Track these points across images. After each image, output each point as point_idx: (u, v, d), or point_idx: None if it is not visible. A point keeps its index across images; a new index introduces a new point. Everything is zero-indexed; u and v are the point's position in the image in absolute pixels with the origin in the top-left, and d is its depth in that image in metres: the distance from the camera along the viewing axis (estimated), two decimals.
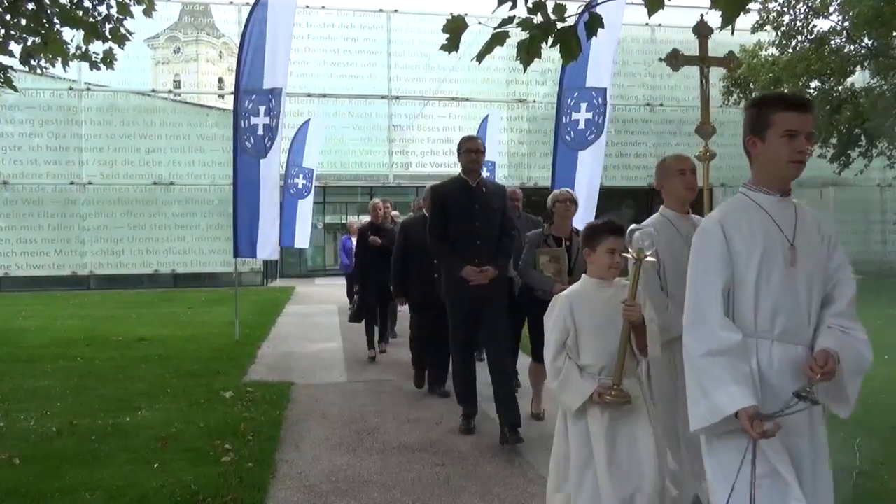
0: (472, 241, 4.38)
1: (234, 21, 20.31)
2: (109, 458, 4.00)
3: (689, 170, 3.07)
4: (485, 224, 4.42)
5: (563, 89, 8.24)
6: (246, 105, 8.59)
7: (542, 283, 4.47)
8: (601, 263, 2.64)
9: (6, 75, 5.64)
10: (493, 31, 2.50)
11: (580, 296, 2.66)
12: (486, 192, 4.52)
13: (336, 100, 20.66)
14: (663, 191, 3.12)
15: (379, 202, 7.63)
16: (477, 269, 4.32)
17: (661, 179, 3.12)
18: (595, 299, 2.63)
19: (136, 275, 18.70)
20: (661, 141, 22.04)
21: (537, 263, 4.51)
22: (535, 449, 4.17)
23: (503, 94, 20.90)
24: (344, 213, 23.28)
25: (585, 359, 2.61)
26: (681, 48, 4.28)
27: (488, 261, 4.37)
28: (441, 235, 4.50)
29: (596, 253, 2.64)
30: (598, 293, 2.64)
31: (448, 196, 4.54)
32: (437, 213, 4.54)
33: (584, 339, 2.61)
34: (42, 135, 18.19)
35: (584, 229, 2.71)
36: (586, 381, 2.56)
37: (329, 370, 6.87)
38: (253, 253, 8.94)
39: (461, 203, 4.45)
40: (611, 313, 2.54)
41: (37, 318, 11.06)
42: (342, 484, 3.66)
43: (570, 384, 2.58)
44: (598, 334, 2.58)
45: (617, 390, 2.51)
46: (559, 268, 4.45)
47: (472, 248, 4.38)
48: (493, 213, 4.47)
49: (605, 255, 2.62)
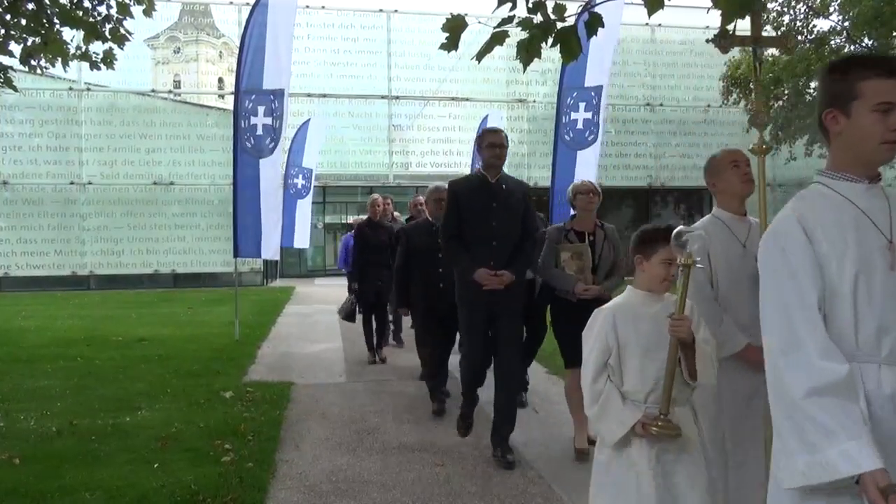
0: (488, 242, 4.01)
1: (234, 21, 20.32)
2: (109, 458, 4.00)
3: (743, 161, 2.77)
4: (502, 224, 4.05)
5: (562, 89, 8.26)
6: (246, 105, 8.60)
7: (563, 281, 4.13)
8: (654, 275, 2.31)
9: (6, 75, 5.64)
10: (493, 31, 2.50)
11: (625, 309, 2.33)
12: (506, 190, 4.13)
13: (336, 100, 20.67)
14: (716, 190, 2.83)
15: (378, 198, 7.35)
16: (491, 273, 3.93)
17: (713, 177, 2.81)
18: (642, 314, 2.30)
19: (136, 275, 18.71)
20: (661, 141, 22.06)
21: (558, 261, 4.18)
22: (536, 449, 4.17)
23: (503, 94, 20.91)
24: (344, 213, 23.28)
25: (629, 383, 2.26)
26: (681, 48, 4.26)
27: (505, 264, 3.99)
28: (455, 235, 4.13)
29: (650, 262, 2.32)
30: (645, 307, 2.32)
31: (464, 193, 4.17)
32: (452, 211, 4.16)
33: (629, 360, 2.27)
34: (42, 135, 18.20)
35: (638, 234, 2.38)
36: (629, 409, 2.22)
37: (329, 370, 6.87)
38: (257, 252, 8.95)
39: (478, 201, 4.08)
40: (659, 331, 2.22)
41: (37, 318, 11.06)
42: (342, 484, 3.66)
43: (610, 412, 2.24)
44: (645, 355, 2.25)
45: (664, 421, 2.15)
46: (582, 265, 4.11)
47: (488, 249, 4.00)
48: (512, 212, 4.09)
49: (659, 266, 2.30)
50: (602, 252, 4.15)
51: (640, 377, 2.24)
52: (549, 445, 4.30)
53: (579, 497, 3.48)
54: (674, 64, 21.70)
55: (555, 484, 3.64)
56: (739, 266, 2.60)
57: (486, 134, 4.27)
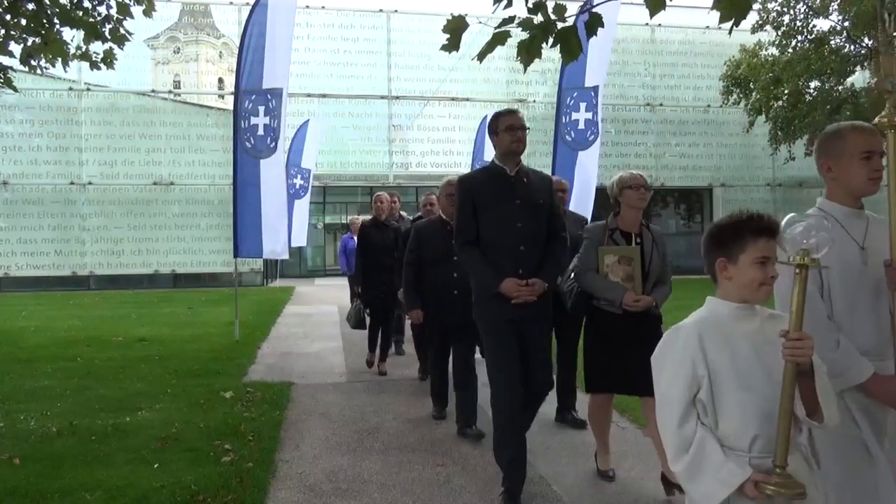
0: (514, 246, 3.39)
1: (234, 21, 20.34)
2: (109, 458, 4.00)
3: (877, 151, 2.09)
4: (529, 224, 3.41)
5: (562, 89, 8.27)
6: (246, 105, 8.61)
7: (609, 290, 3.50)
8: (748, 280, 1.76)
9: (6, 75, 5.65)
10: (494, 31, 2.49)
11: (713, 327, 1.78)
12: (529, 183, 3.47)
13: (336, 100, 20.69)
14: (829, 176, 2.18)
15: (384, 195, 6.73)
16: (521, 283, 3.31)
17: (831, 158, 2.16)
18: (735, 333, 1.77)
19: (136, 275, 18.73)
20: (660, 141, 22.07)
21: (601, 266, 3.57)
22: (536, 449, 4.16)
23: (503, 94, 20.91)
24: (344, 213, 23.29)
25: (727, 425, 1.72)
26: (681, 48, 4.21)
27: (534, 271, 3.38)
28: (471, 240, 3.47)
29: (737, 265, 1.78)
30: (738, 323, 1.78)
31: (480, 189, 3.48)
32: (466, 211, 3.48)
33: (725, 395, 1.72)
34: (42, 135, 18.21)
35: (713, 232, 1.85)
36: (732, 461, 1.67)
37: (329, 370, 6.87)
38: (257, 252, 8.95)
39: (498, 198, 3.42)
40: (760, 355, 1.73)
41: (37, 318, 11.07)
42: (342, 484, 3.66)
43: (707, 466, 1.68)
44: (745, 387, 1.71)
45: (782, 475, 1.62)
46: (630, 271, 3.50)
47: (514, 255, 3.38)
48: (538, 209, 3.45)
49: (753, 268, 1.75)
50: (652, 257, 3.55)
51: (741, 417, 1.71)
52: (549, 446, 4.29)
53: (579, 497, 3.49)
54: (674, 64, 21.71)
55: (555, 484, 3.64)
56: (858, 273, 2.06)
57: (501, 116, 3.52)
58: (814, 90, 17.85)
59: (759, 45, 18.68)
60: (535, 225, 3.45)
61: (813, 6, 16.95)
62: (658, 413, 1.81)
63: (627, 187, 3.55)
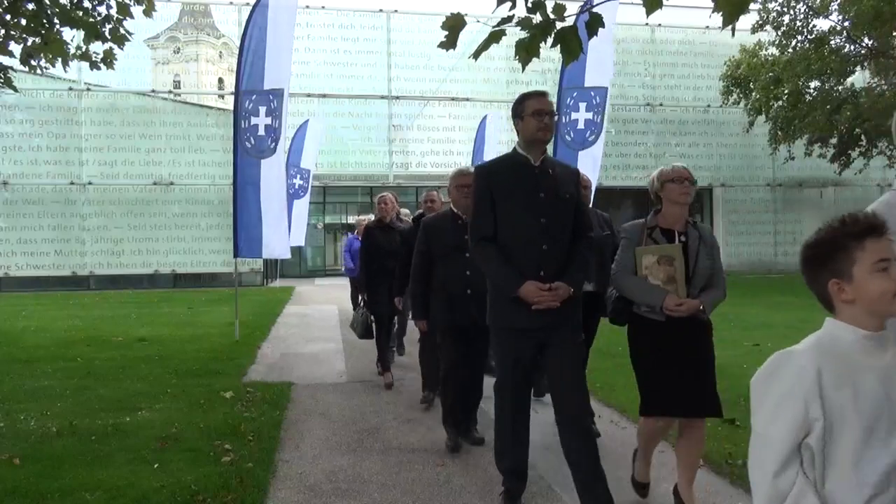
0: (536, 245, 3.04)
1: (234, 21, 20.35)
2: (109, 458, 4.00)
3: None
4: (554, 221, 3.07)
5: (562, 89, 8.27)
6: (246, 105, 8.61)
7: (648, 294, 3.10)
8: (875, 294, 1.41)
9: (6, 75, 5.65)
10: (491, 29, 2.50)
11: (835, 359, 1.42)
12: (555, 175, 3.14)
13: (336, 100, 20.70)
14: None
15: (389, 195, 6.37)
16: (543, 287, 2.97)
17: None
18: (862, 367, 1.42)
19: (136, 275, 18.74)
20: (660, 141, 22.08)
21: (639, 268, 3.16)
22: (536, 449, 4.16)
23: (503, 94, 20.92)
24: (344, 213, 23.32)
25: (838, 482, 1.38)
26: (681, 48, 4.18)
27: (558, 273, 3.04)
28: (488, 237, 3.12)
29: (854, 281, 1.43)
30: (866, 356, 1.43)
31: (500, 180, 3.13)
32: (484, 203, 3.13)
33: (841, 446, 1.38)
34: (42, 135, 18.23)
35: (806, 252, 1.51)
36: None
37: (329, 370, 6.87)
38: (257, 253, 8.95)
39: (520, 189, 3.09)
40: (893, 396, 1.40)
41: (37, 318, 11.07)
42: (342, 484, 3.66)
43: None
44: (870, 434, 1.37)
45: None
46: (673, 273, 3.11)
47: (536, 255, 3.04)
48: (564, 204, 3.12)
49: (874, 278, 1.41)
50: (698, 257, 3.15)
51: (857, 473, 1.36)
52: (550, 446, 4.29)
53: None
54: (674, 64, 21.72)
55: (555, 484, 3.64)
56: None
57: (528, 99, 3.14)
58: (814, 90, 17.85)
59: (759, 45, 18.69)
60: (560, 221, 3.10)
61: (813, 6, 16.94)
62: (751, 451, 1.48)
63: (669, 181, 3.19)
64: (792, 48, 17.46)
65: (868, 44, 16.76)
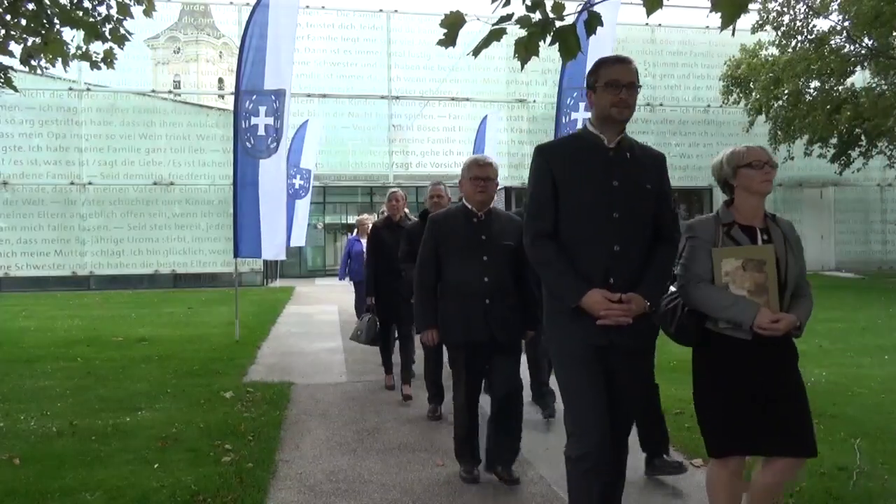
0: (606, 245, 2.48)
1: (234, 21, 20.33)
2: (109, 458, 4.00)
3: None
4: (629, 216, 2.50)
5: (562, 89, 8.27)
6: (246, 105, 8.61)
7: (734, 308, 2.45)
8: None
9: (6, 75, 5.66)
10: (491, 27, 2.49)
11: None
12: (634, 160, 2.57)
13: (336, 100, 20.68)
14: None
15: (399, 192, 6.04)
16: (612, 298, 2.41)
17: None
18: None
19: (136, 275, 18.73)
20: (661, 141, 22.03)
21: (717, 274, 2.51)
22: (536, 449, 4.16)
23: (503, 94, 20.92)
24: (344, 213, 23.31)
25: None
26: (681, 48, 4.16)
27: (632, 282, 2.47)
28: (548, 233, 2.54)
29: None
30: None
31: (565, 162, 2.56)
32: (545, 191, 2.56)
33: None
34: (42, 135, 18.21)
35: None
36: None
37: (329, 370, 6.87)
38: (257, 253, 8.96)
39: (589, 176, 2.51)
40: None
41: (37, 319, 11.07)
42: (342, 484, 3.66)
43: None
44: None
45: None
46: (762, 280, 2.47)
47: (605, 257, 2.47)
48: (644, 196, 2.54)
49: None
50: (787, 260, 2.52)
51: None
52: (550, 447, 4.29)
53: None
54: (674, 64, 21.70)
55: (555, 484, 3.64)
56: None
57: (602, 67, 2.57)
58: (814, 90, 17.83)
59: (759, 45, 18.67)
60: (638, 217, 2.51)
61: (813, 6, 16.93)
62: None
63: (745, 165, 2.54)
64: (792, 48, 17.45)
65: (868, 44, 16.74)
